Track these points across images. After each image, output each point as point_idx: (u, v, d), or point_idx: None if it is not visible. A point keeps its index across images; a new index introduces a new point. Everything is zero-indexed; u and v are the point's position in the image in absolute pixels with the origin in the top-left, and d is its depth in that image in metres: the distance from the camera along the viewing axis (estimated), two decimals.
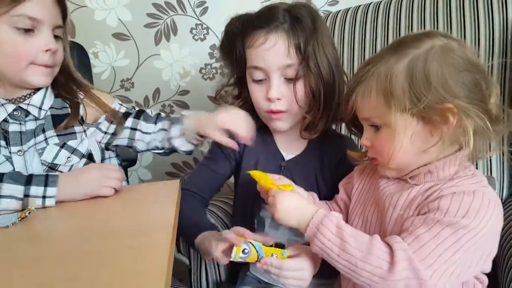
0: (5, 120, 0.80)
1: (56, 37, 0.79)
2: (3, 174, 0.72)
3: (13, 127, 0.80)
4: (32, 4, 0.73)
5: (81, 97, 0.88)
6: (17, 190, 0.71)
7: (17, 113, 0.81)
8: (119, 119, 0.89)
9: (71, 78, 0.88)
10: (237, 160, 0.96)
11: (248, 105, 0.92)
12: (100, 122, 0.89)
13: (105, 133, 0.89)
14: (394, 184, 0.70)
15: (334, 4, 1.38)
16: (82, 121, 0.87)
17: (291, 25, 0.80)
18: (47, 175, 0.73)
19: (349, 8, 1.15)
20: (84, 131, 0.86)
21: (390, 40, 1.04)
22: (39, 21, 0.74)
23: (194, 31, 1.39)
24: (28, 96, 0.82)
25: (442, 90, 0.58)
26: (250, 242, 0.68)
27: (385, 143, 0.65)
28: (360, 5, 1.13)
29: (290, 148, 0.92)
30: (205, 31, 1.39)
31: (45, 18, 0.75)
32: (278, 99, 0.82)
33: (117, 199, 0.77)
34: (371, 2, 1.12)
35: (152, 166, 1.54)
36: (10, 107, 0.80)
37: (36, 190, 0.71)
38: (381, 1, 1.09)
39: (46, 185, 0.72)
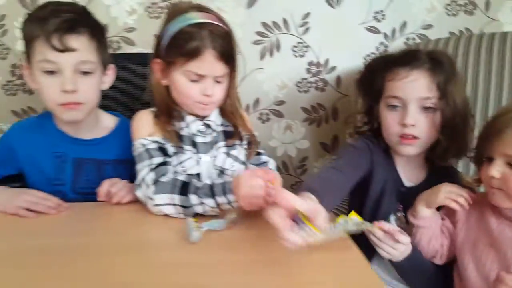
0: (194, 134, 0.98)
1: (218, 82, 0.96)
2: (196, 187, 0.86)
3: (199, 139, 0.98)
4: (198, 63, 0.91)
5: (238, 122, 1.05)
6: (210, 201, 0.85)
7: (202, 128, 0.98)
8: (254, 147, 1.06)
9: (233, 108, 1.05)
10: (366, 174, 1.02)
11: (373, 132, 1.08)
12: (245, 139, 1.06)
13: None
14: (509, 225, 0.81)
15: (428, 28, 1.51)
16: (240, 137, 1.04)
17: (432, 66, 0.95)
18: (224, 183, 0.85)
19: (472, 35, 1.36)
20: (241, 143, 1.04)
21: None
22: (203, 75, 0.92)
23: (295, 49, 1.54)
24: (205, 116, 1.01)
25: None
26: None
27: None
28: (483, 33, 1.33)
29: (410, 175, 1.04)
30: (305, 49, 1.54)
31: (206, 73, 0.93)
32: (413, 125, 0.95)
33: None
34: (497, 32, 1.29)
35: None
36: (200, 123, 0.99)
37: (221, 199, 0.85)
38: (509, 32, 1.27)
39: (225, 194, 0.84)
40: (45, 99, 0.96)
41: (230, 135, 1.03)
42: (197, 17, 0.92)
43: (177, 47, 0.91)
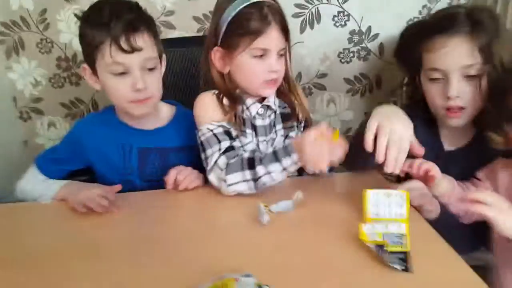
0: (253, 116, 0.99)
1: (281, 55, 0.97)
2: (260, 158, 0.90)
3: (258, 122, 1.00)
4: (264, 40, 0.92)
5: (295, 101, 1.05)
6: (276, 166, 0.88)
7: (261, 110, 0.99)
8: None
9: (291, 86, 1.05)
10: None
11: (418, 103, 1.04)
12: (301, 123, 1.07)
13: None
14: None
15: None
16: (298, 118, 1.06)
17: (472, 28, 0.89)
18: (285, 146, 0.90)
19: None
20: (297, 125, 1.06)
21: None
22: (267, 50, 0.93)
23: (336, 18, 1.51)
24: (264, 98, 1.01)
25: None
26: None
27: None
28: None
29: (453, 140, 1.01)
30: (346, 18, 1.51)
31: (272, 47, 0.93)
32: (457, 97, 0.92)
33: None
34: None
35: None
36: (259, 105, 0.99)
37: (286, 161, 0.88)
38: None
39: (289, 155, 0.87)
40: (115, 98, 1.00)
41: (288, 117, 1.04)
42: None
43: (240, 28, 0.92)
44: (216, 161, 0.91)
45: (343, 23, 1.51)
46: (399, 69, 1.24)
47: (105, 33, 0.92)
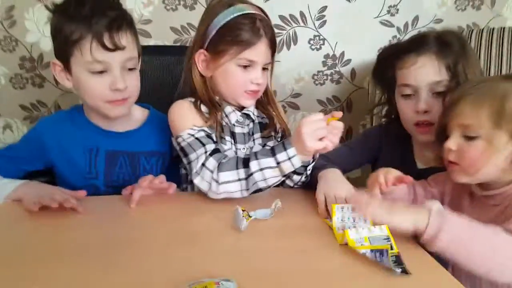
0: (233, 124, 0.98)
1: (264, 69, 0.97)
2: (255, 153, 0.86)
3: (237, 129, 0.98)
4: (253, 52, 0.92)
5: (273, 113, 1.05)
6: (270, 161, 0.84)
7: (240, 118, 0.98)
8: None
9: (270, 99, 1.06)
10: (374, 156, 1.14)
11: (396, 121, 1.07)
12: (280, 132, 1.06)
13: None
14: (476, 208, 0.79)
15: (438, 22, 1.55)
16: (275, 128, 1.05)
17: (440, 48, 0.94)
18: (283, 141, 0.85)
19: (494, 28, 1.37)
20: (275, 135, 1.05)
21: None
22: (254, 62, 0.93)
23: (312, 41, 1.55)
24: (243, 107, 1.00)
25: None
26: None
27: (478, 156, 0.73)
28: (483, 28, 1.33)
29: (426, 158, 1.03)
30: (321, 42, 1.55)
31: (259, 60, 0.94)
32: (426, 111, 0.95)
33: None
34: (494, 27, 1.29)
35: None
36: (238, 113, 0.98)
37: (281, 156, 0.83)
38: (505, 27, 1.29)
39: (285, 149, 0.83)
40: (90, 97, 0.94)
41: (266, 127, 1.03)
42: (247, 8, 0.93)
43: (231, 36, 0.92)
44: (203, 163, 0.86)
45: (318, 46, 1.56)
46: (377, 89, 1.28)
47: (86, 28, 0.87)
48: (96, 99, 0.94)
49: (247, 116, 1.00)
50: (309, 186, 0.95)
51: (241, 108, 1.00)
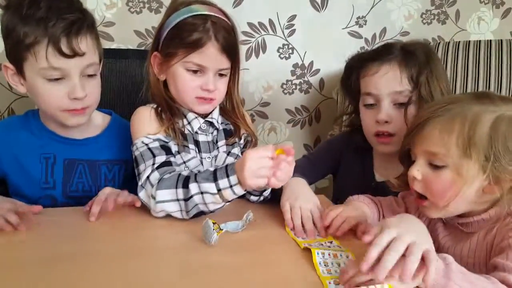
0: (196, 132, 0.94)
1: (221, 75, 0.92)
2: (195, 174, 0.79)
3: (201, 138, 0.94)
4: (200, 55, 0.87)
5: (238, 120, 1.00)
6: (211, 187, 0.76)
7: (203, 126, 0.94)
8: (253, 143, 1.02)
9: (235, 106, 1.00)
10: (336, 166, 1.12)
11: (358, 131, 1.05)
12: (242, 138, 1.02)
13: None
14: (451, 235, 0.71)
15: (405, 34, 1.58)
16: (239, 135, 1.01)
17: (404, 58, 0.93)
18: (226, 166, 0.77)
19: (459, 42, 1.40)
20: (239, 142, 1.01)
21: (481, 77, 1.27)
22: (203, 66, 0.89)
23: (280, 50, 1.54)
24: (209, 112, 0.96)
25: None
26: None
27: (446, 188, 0.64)
28: (470, 40, 1.40)
29: (385, 172, 1.02)
30: (290, 51, 1.55)
31: (208, 65, 0.89)
32: (386, 122, 0.94)
33: None
34: (480, 40, 1.36)
35: None
36: (201, 120, 0.94)
37: (223, 182, 0.76)
38: (470, 40, 1.33)
39: (227, 176, 0.76)
40: (46, 105, 0.87)
41: (230, 134, 0.99)
42: (201, 9, 0.88)
43: (179, 38, 0.87)
44: (148, 177, 0.81)
45: (287, 55, 1.55)
46: (345, 99, 1.28)
47: (41, 32, 0.80)
48: (53, 107, 0.87)
49: (211, 124, 0.96)
50: (275, 195, 0.91)
51: (204, 115, 0.95)
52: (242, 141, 1.02)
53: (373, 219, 0.82)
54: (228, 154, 0.97)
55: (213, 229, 0.71)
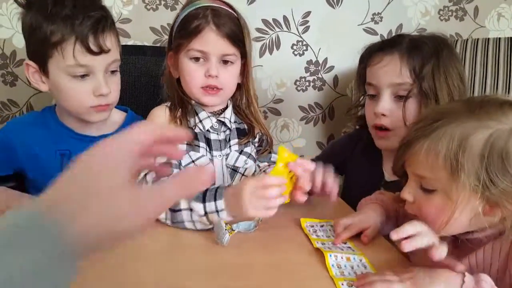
0: (208, 130, 0.94)
1: (225, 62, 0.91)
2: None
3: (213, 136, 0.94)
4: (200, 41, 0.87)
5: (252, 118, 0.99)
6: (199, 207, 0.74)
7: (215, 125, 0.95)
8: (268, 147, 1.02)
9: (250, 102, 0.98)
10: (341, 167, 1.08)
11: (365, 128, 1.03)
12: (257, 137, 1.01)
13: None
14: (454, 249, 0.65)
15: (421, 31, 1.55)
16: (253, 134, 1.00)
17: (408, 50, 0.90)
18: (216, 189, 0.74)
19: (478, 39, 1.36)
20: (252, 141, 1.00)
21: (500, 76, 1.23)
22: (205, 52, 0.88)
23: (294, 47, 1.53)
24: (222, 111, 0.96)
25: None
26: None
27: (438, 212, 0.60)
28: (489, 37, 1.36)
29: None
30: (304, 48, 1.54)
31: (209, 50, 0.88)
32: (383, 114, 0.92)
33: None
34: (500, 37, 1.33)
35: None
36: (214, 119, 0.94)
37: (209, 205, 0.73)
38: (489, 38, 1.31)
39: (215, 199, 0.73)
40: (71, 103, 0.89)
41: (244, 133, 0.99)
42: (204, 2, 0.90)
43: (183, 30, 0.89)
44: (145, 174, 0.80)
45: (301, 52, 1.54)
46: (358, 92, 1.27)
47: (69, 30, 0.82)
48: (78, 104, 0.89)
49: (223, 123, 0.96)
50: None
51: (217, 114, 0.96)
52: (256, 140, 1.01)
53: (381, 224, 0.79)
54: (240, 153, 0.98)
55: (225, 230, 0.71)
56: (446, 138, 0.57)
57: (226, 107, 0.98)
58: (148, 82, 1.34)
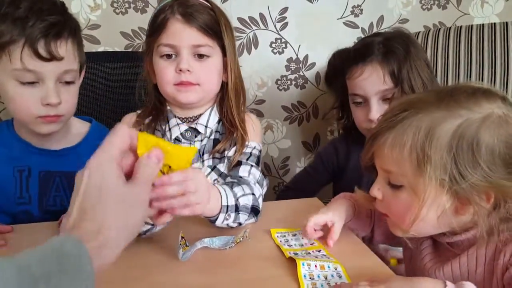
0: (177, 139, 0.87)
1: (200, 56, 0.83)
2: None
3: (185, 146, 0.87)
4: (166, 34, 0.82)
5: (239, 129, 0.87)
6: None
7: (187, 133, 0.88)
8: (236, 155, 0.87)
9: (234, 103, 0.87)
10: (335, 171, 1.14)
11: (350, 123, 1.09)
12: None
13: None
14: (439, 255, 0.61)
15: (404, 22, 1.50)
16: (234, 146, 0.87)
17: (384, 56, 0.94)
18: None
19: (461, 26, 1.31)
20: (227, 155, 0.87)
21: (486, 63, 1.18)
22: (174, 46, 0.82)
23: (273, 45, 1.47)
24: (197, 117, 0.89)
25: (488, 170, 0.50)
26: None
27: (405, 209, 0.56)
28: (451, 26, 1.30)
29: None
30: (283, 45, 1.47)
31: (178, 42, 0.82)
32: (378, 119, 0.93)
33: None
34: (484, 23, 1.27)
35: None
36: (183, 127, 0.87)
37: None
38: (473, 24, 1.24)
39: None
40: (18, 111, 0.83)
41: (220, 144, 0.87)
42: None
43: (151, 28, 0.86)
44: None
45: (280, 50, 1.48)
46: (332, 96, 1.23)
47: (18, 31, 0.77)
48: (24, 112, 0.83)
49: (196, 130, 0.88)
50: None
51: (190, 121, 0.89)
52: (232, 154, 0.87)
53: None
54: (213, 169, 0.88)
55: (180, 244, 0.65)
56: (412, 129, 0.53)
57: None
58: (120, 89, 1.27)
